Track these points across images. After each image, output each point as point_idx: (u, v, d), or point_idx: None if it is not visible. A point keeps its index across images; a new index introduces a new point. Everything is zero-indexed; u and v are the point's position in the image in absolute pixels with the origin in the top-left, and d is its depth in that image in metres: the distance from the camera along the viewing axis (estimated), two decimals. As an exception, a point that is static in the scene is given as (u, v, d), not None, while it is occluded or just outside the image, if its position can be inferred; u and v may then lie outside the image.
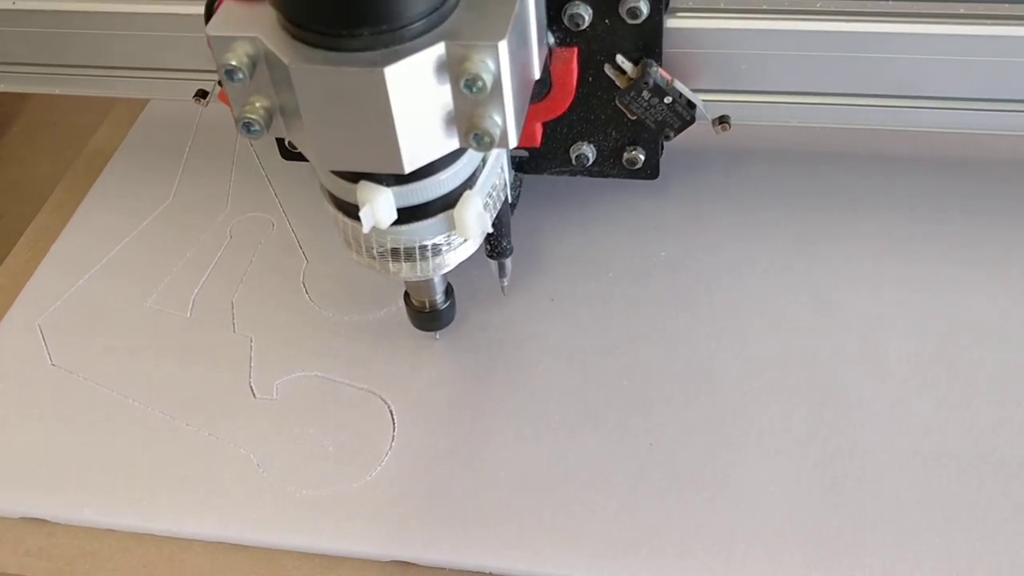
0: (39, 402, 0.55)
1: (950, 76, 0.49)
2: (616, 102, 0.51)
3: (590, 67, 0.50)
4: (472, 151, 0.42)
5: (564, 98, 0.50)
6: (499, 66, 0.37)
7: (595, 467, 0.50)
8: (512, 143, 0.39)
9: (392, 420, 0.52)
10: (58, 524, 0.50)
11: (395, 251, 0.46)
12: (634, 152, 0.54)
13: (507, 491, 0.49)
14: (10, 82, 0.60)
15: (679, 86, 0.50)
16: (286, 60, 0.37)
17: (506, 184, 0.49)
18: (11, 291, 0.61)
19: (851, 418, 0.50)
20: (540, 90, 0.49)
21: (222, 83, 0.38)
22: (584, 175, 0.55)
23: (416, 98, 0.37)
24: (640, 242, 0.59)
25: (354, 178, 0.43)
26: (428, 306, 0.53)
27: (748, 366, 0.53)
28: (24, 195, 0.76)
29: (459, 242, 0.47)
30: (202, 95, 0.56)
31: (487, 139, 0.38)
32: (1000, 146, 0.62)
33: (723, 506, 0.48)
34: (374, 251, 0.46)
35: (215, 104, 0.53)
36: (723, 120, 0.52)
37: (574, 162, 0.54)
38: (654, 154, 0.54)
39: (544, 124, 0.52)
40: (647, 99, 0.50)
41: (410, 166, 0.39)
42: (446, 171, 0.43)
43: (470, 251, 0.48)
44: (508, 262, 0.55)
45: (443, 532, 0.48)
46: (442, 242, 0.46)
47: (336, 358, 0.55)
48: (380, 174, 0.42)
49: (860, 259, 0.57)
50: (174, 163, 0.68)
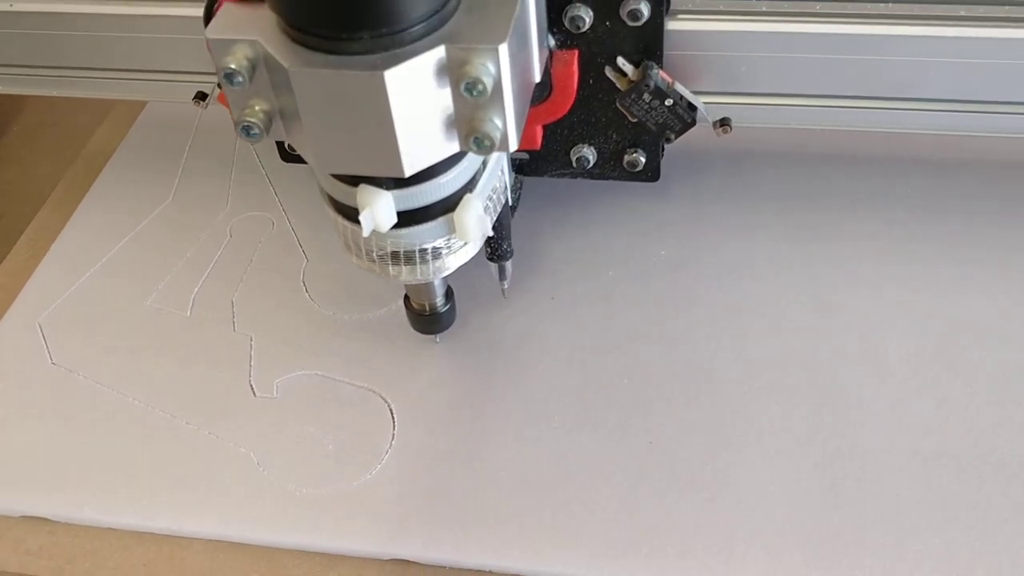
0: (39, 401, 0.55)
1: (950, 78, 0.49)
2: (617, 104, 0.51)
3: (591, 69, 0.50)
4: (472, 154, 0.42)
5: (565, 101, 0.50)
6: (499, 69, 0.37)
7: (595, 467, 0.50)
8: (513, 146, 0.39)
9: (392, 419, 0.53)
10: (58, 523, 0.50)
11: (395, 254, 0.46)
12: (635, 155, 0.53)
13: (507, 491, 0.49)
14: (8, 84, 0.60)
15: (680, 88, 0.50)
16: (285, 63, 0.37)
17: (506, 187, 0.49)
18: (11, 290, 0.61)
19: (851, 418, 0.50)
20: (541, 93, 0.49)
21: (221, 86, 0.38)
22: (585, 177, 0.55)
23: (416, 101, 0.37)
24: (640, 243, 0.59)
25: (354, 181, 0.43)
26: (428, 309, 0.53)
27: (748, 366, 0.53)
28: (24, 195, 0.76)
29: (459, 245, 0.47)
30: (201, 97, 0.56)
31: (487, 142, 0.38)
32: (1000, 147, 0.62)
33: (723, 506, 0.48)
34: (374, 254, 0.46)
35: (215, 105, 0.53)
36: (724, 122, 0.51)
37: (575, 164, 0.54)
38: (655, 156, 0.54)
39: (545, 127, 0.52)
40: (648, 101, 0.50)
41: (410, 170, 0.39)
42: (446, 174, 0.43)
43: (470, 254, 0.48)
44: (508, 265, 0.55)
45: (443, 531, 0.48)
46: (442, 245, 0.46)
47: (336, 357, 0.55)
48: (380, 178, 0.42)
49: (860, 260, 0.57)
50: (173, 163, 0.68)
